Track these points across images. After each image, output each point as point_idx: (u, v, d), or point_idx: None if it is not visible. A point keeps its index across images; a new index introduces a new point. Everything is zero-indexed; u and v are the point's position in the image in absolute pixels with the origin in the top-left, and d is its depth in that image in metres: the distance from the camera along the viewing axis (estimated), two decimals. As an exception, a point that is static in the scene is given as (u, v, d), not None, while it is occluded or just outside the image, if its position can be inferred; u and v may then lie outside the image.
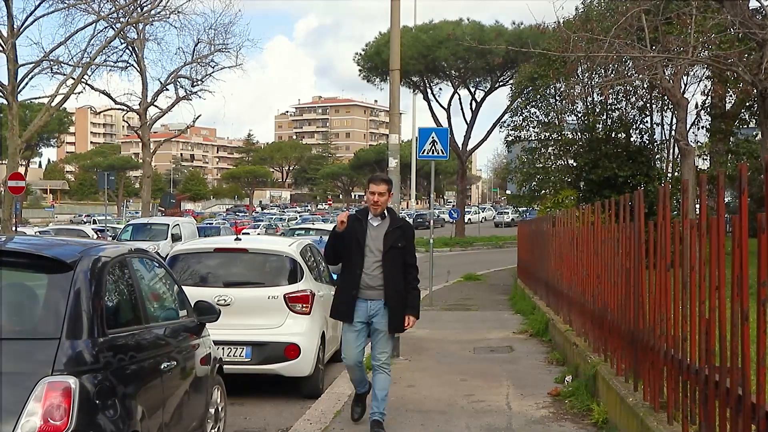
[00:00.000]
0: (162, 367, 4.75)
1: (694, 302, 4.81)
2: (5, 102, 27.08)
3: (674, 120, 19.45)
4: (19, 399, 3.54)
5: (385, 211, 6.52)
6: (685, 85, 19.52)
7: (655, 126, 21.50)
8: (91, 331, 3.93)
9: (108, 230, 33.13)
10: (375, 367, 6.56)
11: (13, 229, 25.68)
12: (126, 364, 4.24)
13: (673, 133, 19.98)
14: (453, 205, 59.92)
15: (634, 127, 21.41)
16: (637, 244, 6.20)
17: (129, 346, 4.36)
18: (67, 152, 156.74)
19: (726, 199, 4.20)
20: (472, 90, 45.28)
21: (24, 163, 73.53)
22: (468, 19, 43.49)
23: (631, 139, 21.34)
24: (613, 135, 21.16)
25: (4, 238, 5.20)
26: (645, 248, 6.03)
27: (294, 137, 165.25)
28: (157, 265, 5.65)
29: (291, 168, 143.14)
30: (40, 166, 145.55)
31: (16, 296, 4.16)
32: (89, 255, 4.30)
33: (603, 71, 19.00)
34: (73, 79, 28.36)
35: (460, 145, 44.60)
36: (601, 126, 21.51)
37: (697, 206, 4.80)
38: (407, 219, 7.80)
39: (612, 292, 7.07)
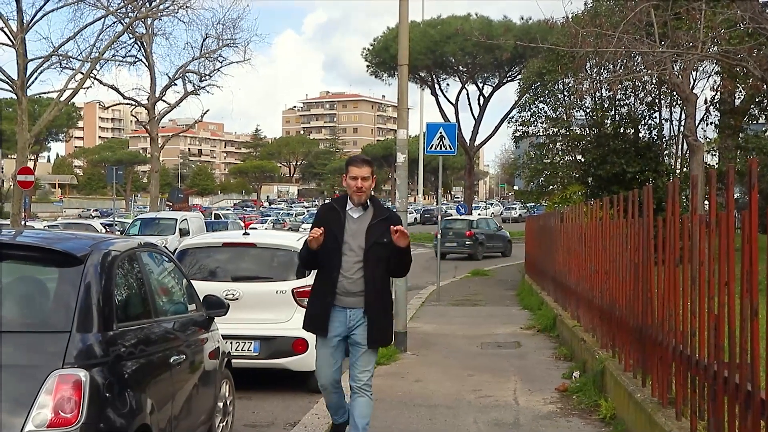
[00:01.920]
0: (171, 360, 4.77)
1: (703, 298, 4.81)
2: (15, 97, 27.17)
3: (683, 116, 19.38)
4: (30, 391, 3.57)
5: (368, 201, 5.45)
6: (694, 81, 19.44)
7: (663, 122, 21.42)
8: (101, 324, 3.95)
9: (116, 225, 33.24)
10: (354, 389, 5.47)
11: (23, 223, 25.77)
12: (136, 357, 4.26)
13: (681, 128, 19.91)
14: (461, 201, 59.90)
15: (643, 122, 21.32)
16: (645, 240, 6.19)
17: (139, 339, 4.38)
18: (75, 147, 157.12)
19: (734, 195, 4.19)
20: (480, 85, 45.20)
21: (33, 157, 73.82)
22: (476, 14, 43.43)
23: (640, 135, 21.27)
24: (621, 130, 21.08)
25: (14, 232, 5.24)
26: (654, 244, 6.03)
27: (301, 132, 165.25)
28: (167, 259, 5.68)
29: (298, 163, 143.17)
30: (48, 160, 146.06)
31: (27, 289, 4.19)
32: (99, 249, 4.32)
33: (611, 66, 18.94)
34: (82, 74, 28.44)
35: (467, 141, 44.54)
36: (609, 121, 21.44)
37: (706, 202, 4.79)
38: (393, 210, 6.94)
39: (620, 287, 7.06)
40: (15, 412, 3.53)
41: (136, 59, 34.08)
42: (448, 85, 46.39)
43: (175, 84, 36.53)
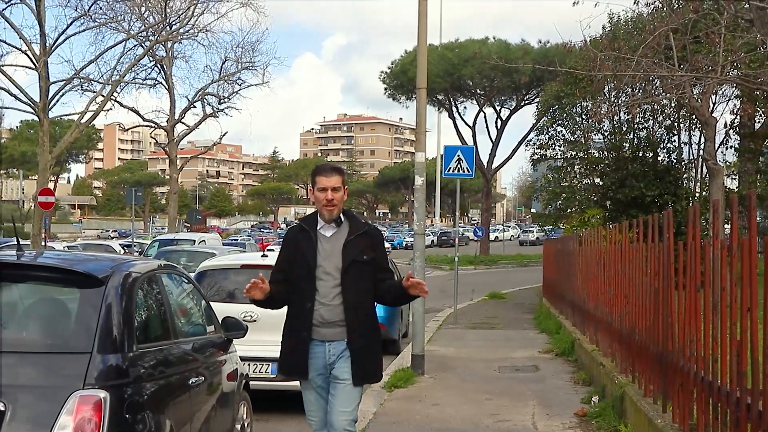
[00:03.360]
0: (190, 382, 4.78)
1: (725, 323, 4.76)
2: (37, 119, 27.47)
3: (702, 139, 19.30)
4: (51, 412, 3.58)
5: (341, 216, 4.72)
6: (714, 104, 19.38)
7: (682, 145, 21.34)
8: (122, 345, 3.97)
9: (135, 246, 33.42)
10: None
11: (43, 243, 25.96)
12: (155, 378, 4.26)
13: (701, 152, 19.82)
14: (477, 223, 59.79)
15: (662, 146, 21.26)
16: (666, 265, 6.15)
17: (158, 360, 4.39)
18: (95, 168, 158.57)
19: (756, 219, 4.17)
20: (498, 108, 45.27)
21: (53, 178, 74.51)
22: (494, 38, 43.56)
23: (659, 159, 21.19)
24: (640, 154, 21.01)
25: (35, 253, 5.28)
26: (674, 268, 5.98)
27: (319, 154, 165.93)
28: (186, 280, 5.70)
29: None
30: (68, 181, 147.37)
31: (49, 310, 4.22)
32: (120, 270, 4.35)
33: (630, 90, 18.91)
34: (103, 96, 28.76)
35: (485, 164, 44.55)
36: (628, 145, 21.38)
37: (727, 226, 4.76)
38: (374, 225, 6.00)
39: (640, 312, 7.01)
40: (36, 433, 3.54)
41: (156, 82, 34.49)
42: (465, 108, 46.53)
43: (194, 106, 36.91)
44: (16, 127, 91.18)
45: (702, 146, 19.44)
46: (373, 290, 4.70)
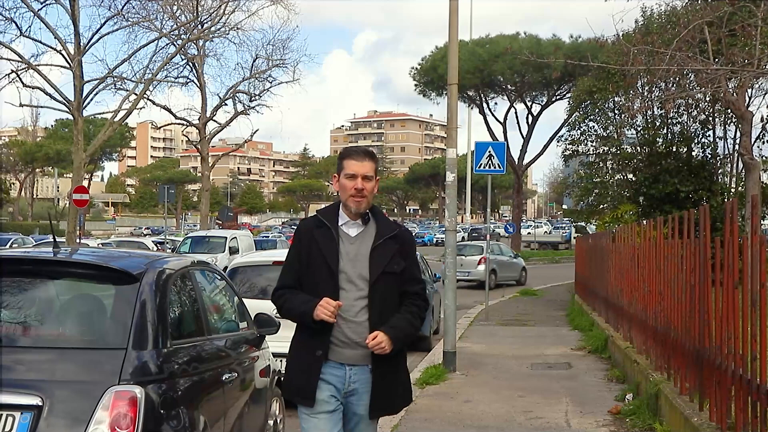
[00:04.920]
0: (223, 378, 4.80)
1: (764, 321, 4.68)
2: (71, 117, 27.81)
3: (738, 134, 19.00)
4: (87, 407, 3.61)
5: (368, 212, 3.93)
6: (750, 98, 19.06)
7: (717, 140, 21.03)
8: (156, 341, 3.99)
9: (167, 243, 33.72)
10: None
11: (77, 241, 26.30)
12: (189, 374, 4.29)
13: (736, 147, 19.53)
14: (509, 219, 59.52)
15: (696, 141, 20.97)
16: (703, 261, 6.06)
17: (192, 357, 4.42)
18: (128, 166, 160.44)
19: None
20: (529, 104, 44.98)
21: (87, 176, 75.40)
22: (525, 33, 43.26)
23: (693, 154, 20.91)
24: (674, 149, 20.75)
25: (70, 250, 5.34)
26: (711, 265, 5.90)
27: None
28: (218, 277, 5.73)
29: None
30: (102, 179, 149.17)
31: (85, 307, 4.26)
32: (154, 267, 4.38)
33: (664, 84, 18.68)
34: (136, 94, 29.03)
35: (516, 160, 44.32)
36: (661, 140, 21.12)
37: (764, 221, 4.68)
38: (404, 226, 4.43)
39: (675, 309, 6.92)
40: (73, 428, 3.59)
41: (188, 80, 34.73)
42: (496, 103, 46.27)
43: (226, 104, 37.12)
44: (51, 125, 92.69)
45: (738, 141, 19.12)
46: (399, 303, 3.88)
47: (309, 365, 3.80)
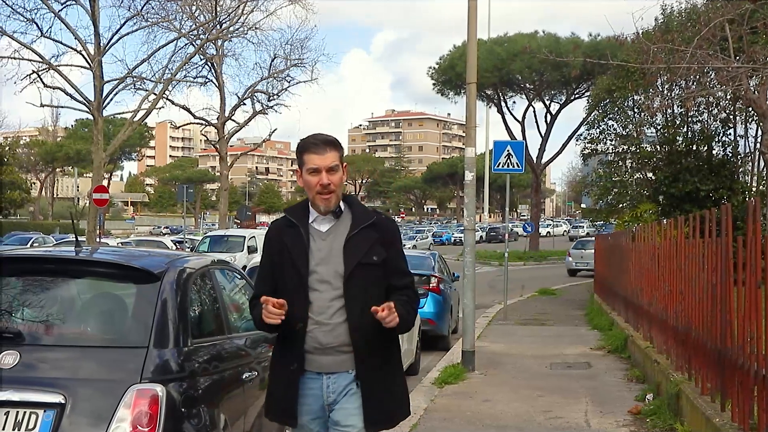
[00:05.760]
0: (243, 377, 4.81)
1: (787, 320, 4.64)
2: (91, 117, 27.99)
3: (759, 132, 18.84)
4: (109, 405, 3.64)
5: (342, 204, 3.53)
6: (771, 96, 18.87)
7: (738, 138, 20.88)
8: (177, 340, 4.01)
9: (186, 242, 33.89)
10: None
11: (98, 240, 26.49)
12: (209, 373, 4.30)
13: (758, 145, 19.36)
14: (527, 219, 59.35)
15: (717, 139, 20.82)
16: (724, 260, 6.01)
17: (212, 355, 4.43)
18: (147, 166, 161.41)
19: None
20: (547, 102, 44.88)
21: (107, 176, 76.00)
22: (543, 32, 43.19)
23: (714, 152, 20.75)
24: (694, 148, 20.60)
25: (91, 249, 5.37)
26: (733, 264, 5.86)
27: (367, 150, 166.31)
28: (238, 276, 5.75)
29: (364, 181, 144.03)
30: (121, 179, 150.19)
31: (106, 305, 4.29)
32: (175, 266, 4.39)
33: (684, 83, 18.55)
34: (155, 94, 29.16)
35: (534, 159, 44.20)
36: (681, 138, 20.98)
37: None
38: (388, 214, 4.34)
39: (696, 308, 6.88)
40: (95, 426, 3.61)
41: (207, 80, 34.83)
42: (514, 102, 46.23)
43: (244, 104, 37.19)
44: (71, 125, 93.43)
45: (759, 139, 18.97)
46: (384, 299, 3.38)
47: (287, 381, 3.46)
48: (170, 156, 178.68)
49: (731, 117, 20.74)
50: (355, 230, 3.45)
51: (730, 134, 20.84)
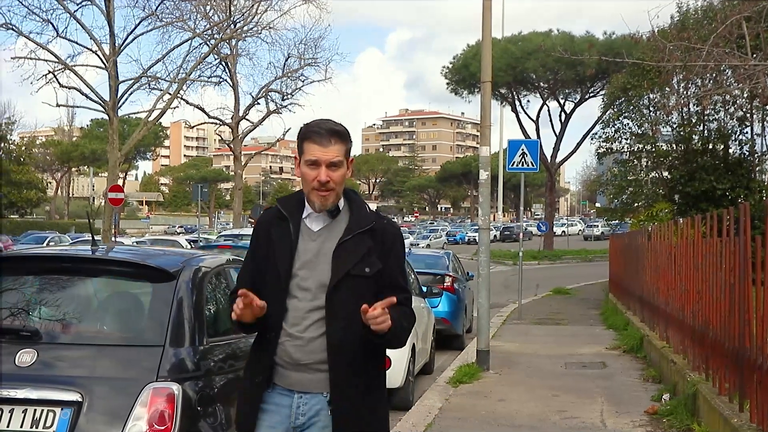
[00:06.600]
0: (258, 375, 4.81)
1: (806, 320, 4.59)
2: (106, 117, 28.13)
3: (777, 130, 18.70)
4: (126, 404, 3.65)
5: (342, 201, 3.10)
6: (789, 95, 18.72)
7: (755, 137, 20.70)
8: (192, 339, 4.02)
9: (201, 241, 34.00)
10: None
11: (113, 239, 26.63)
12: (224, 372, 4.31)
13: (775, 144, 19.22)
14: (541, 218, 59.18)
15: (733, 138, 20.65)
16: (743, 260, 5.96)
17: (227, 354, 4.44)
18: (162, 165, 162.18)
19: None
20: (562, 101, 44.74)
21: (122, 175, 76.36)
22: (558, 30, 43.10)
23: (730, 151, 20.59)
24: (710, 146, 20.46)
25: (107, 248, 5.39)
26: (751, 263, 5.81)
27: (381, 150, 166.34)
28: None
29: (378, 180, 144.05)
30: (136, 178, 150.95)
31: (123, 304, 4.31)
32: (191, 265, 4.40)
33: (700, 81, 18.42)
34: (170, 94, 29.28)
35: (548, 157, 44.06)
36: (697, 137, 20.84)
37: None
38: (390, 218, 3.27)
39: (714, 308, 6.83)
40: (112, 424, 3.63)
41: (221, 79, 34.94)
42: (528, 101, 46.15)
43: (258, 103, 37.29)
44: (87, 125, 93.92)
45: (776, 138, 18.84)
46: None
47: (249, 395, 3.08)
48: (185, 155, 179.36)
49: (748, 115, 20.56)
50: (349, 235, 3.00)
51: (746, 132, 20.66)
